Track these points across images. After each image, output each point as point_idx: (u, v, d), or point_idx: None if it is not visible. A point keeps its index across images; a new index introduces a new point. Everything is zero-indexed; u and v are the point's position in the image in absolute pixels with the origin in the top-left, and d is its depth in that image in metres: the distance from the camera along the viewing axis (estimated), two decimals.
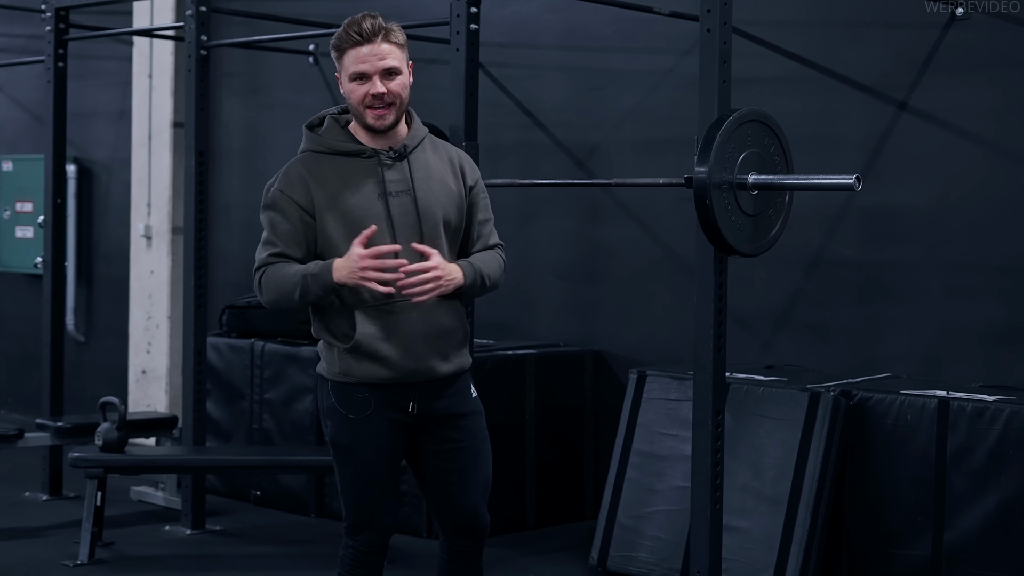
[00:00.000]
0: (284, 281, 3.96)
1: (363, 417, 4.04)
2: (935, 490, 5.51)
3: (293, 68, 8.70)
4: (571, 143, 7.50)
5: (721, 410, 5.12)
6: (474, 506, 4.20)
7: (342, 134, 4.10)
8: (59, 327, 7.86)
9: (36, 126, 10.02)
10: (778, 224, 5.15)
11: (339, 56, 4.02)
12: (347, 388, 4.05)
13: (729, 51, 5.05)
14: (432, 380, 4.09)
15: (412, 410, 4.07)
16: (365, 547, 4.14)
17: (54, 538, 6.81)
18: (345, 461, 4.10)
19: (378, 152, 4.06)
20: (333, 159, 4.06)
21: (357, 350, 4.01)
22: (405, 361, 4.02)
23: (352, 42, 3.97)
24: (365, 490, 4.10)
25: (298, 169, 4.06)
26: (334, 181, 4.02)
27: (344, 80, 4.03)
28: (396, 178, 4.06)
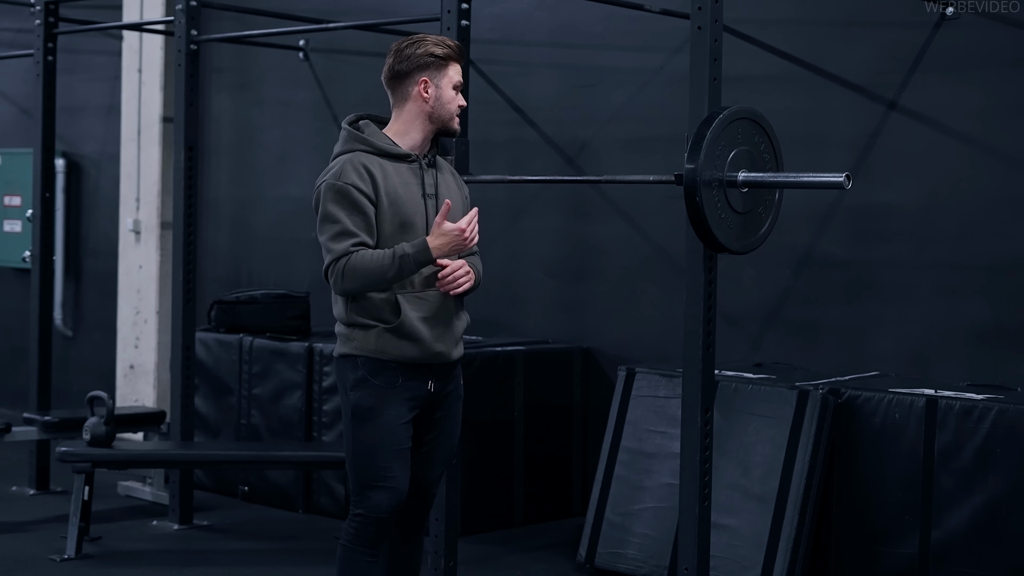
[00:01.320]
0: (376, 265, 4.28)
1: (390, 388, 4.36)
2: (923, 488, 5.52)
3: (283, 63, 8.69)
4: (561, 140, 7.51)
5: (710, 408, 5.12)
6: (431, 479, 4.57)
7: (386, 138, 4.47)
8: (47, 321, 7.85)
9: (25, 120, 9.99)
10: (768, 222, 5.15)
11: (442, 64, 4.48)
12: (380, 363, 4.37)
13: (720, 49, 5.05)
14: (445, 364, 4.49)
15: (431, 388, 4.45)
16: (373, 512, 4.34)
17: (41, 533, 6.80)
18: (366, 422, 4.36)
19: (419, 158, 4.48)
20: (383, 160, 4.41)
21: (399, 331, 4.35)
22: (435, 344, 4.41)
23: (456, 56, 4.50)
24: (382, 451, 4.35)
25: (359, 164, 4.37)
26: (391, 179, 4.39)
27: (444, 87, 4.48)
28: (430, 181, 4.49)
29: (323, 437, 7.21)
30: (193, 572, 6.17)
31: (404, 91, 4.49)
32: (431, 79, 4.46)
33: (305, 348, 7.33)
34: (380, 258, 4.28)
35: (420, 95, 4.46)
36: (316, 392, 7.26)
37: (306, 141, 8.67)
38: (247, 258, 8.98)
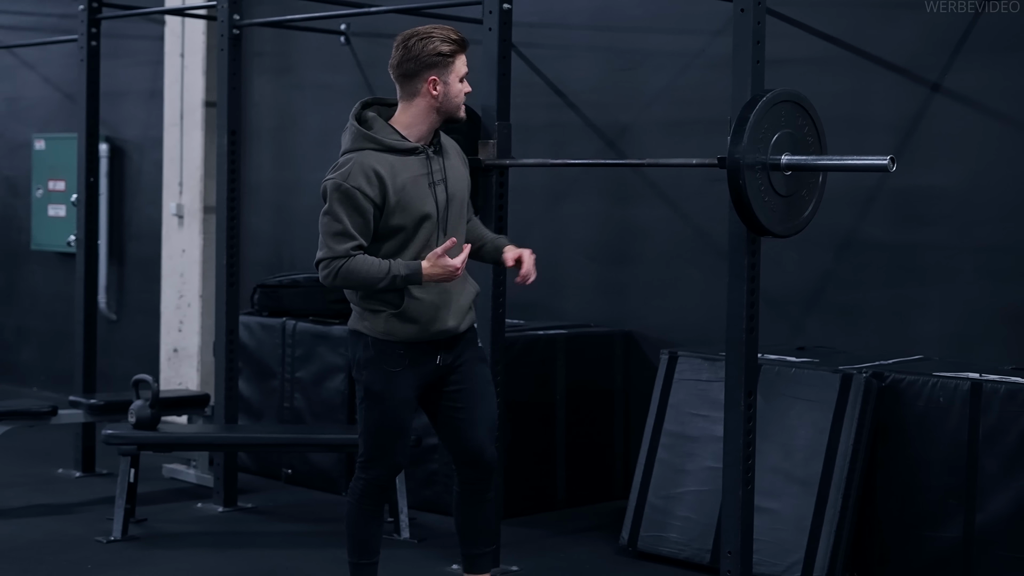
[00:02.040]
0: (369, 275, 4.55)
1: (397, 371, 4.67)
2: (967, 472, 5.50)
3: (324, 48, 8.72)
4: (602, 123, 7.50)
5: (753, 391, 5.12)
6: (480, 439, 4.82)
7: (394, 132, 4.67)
8: (91, 305, 7.90)
9: (69, 105, 10.06)
10: (811, 205, 5.15)
11: (450, 59, 4.65)
12: (388, 345, 4.67)
13: (763, 31, 5.04)
14: (452, 337, 4.76)
15: (440, 362, 4.75)
16: (375, 480, 4.79)
17: (87, 515, 6.86)
18: (373, 405, 4.73)
19: (425, 148, 4.68)
20: (392, 156, 4.61)
21: (405, 315, 4.63)
22: (441, 322, 4.68)
23: (462, 48, 4.68)
24: (386, 432, 4.74)
25: (368, 166, 4.57)
26: (400, 176, 4.59)
27: (452, 80, 4.66)
28: (436, 168, 4.71)
29: None
30: (237, 554, 6.21)
31: (413, 87, 4.68)
32: (440, 77, 4.66)
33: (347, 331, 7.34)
34: (375, 270, 4.55)
35: (429, 92, 4.66)
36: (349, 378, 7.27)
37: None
38: (289, 242, 9.02)
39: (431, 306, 4.65)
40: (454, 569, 5.92)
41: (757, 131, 4.85)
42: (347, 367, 7.32)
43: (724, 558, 5.16)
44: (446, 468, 6.87)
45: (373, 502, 4.82)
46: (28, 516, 6.82)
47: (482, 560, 5.00)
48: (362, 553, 4.86)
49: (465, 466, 4.87)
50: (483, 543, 4.99)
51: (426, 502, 6.94)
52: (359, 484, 4.81)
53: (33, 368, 10.78)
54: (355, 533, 4.85)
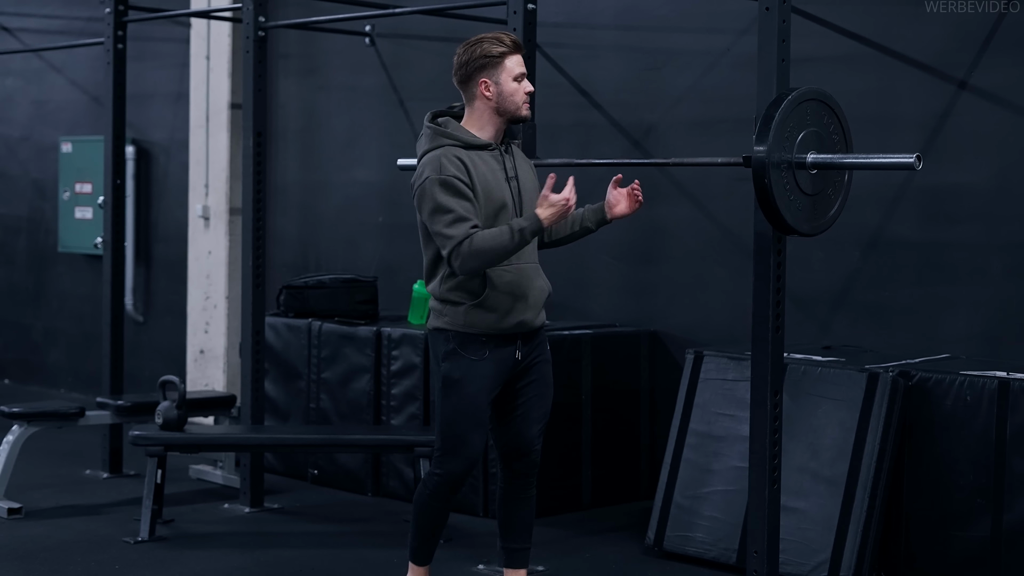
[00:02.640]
0: (497, 242, 4.72)
1: (478, 360, 4.86)
2: (995, 471, 5.48)
3: (349, 49, 8.73)
4: (627, 123, 7.49)
5: (779, 390, 5.11)
6: (531, 436, 5.01)
7: (468, 132, 4.92)
8: (118, 307, 7.93)
9: (95, 108, 10.11)
10: (837, 204, 5.13)
11: (498, 60, 4.87)
12: (469, 337, 4.86)
13: (788, 29, 5.03)
14: (530, 332, 4.95)
15: (518, 356, 4.93)
16: (449, 476, 4.94)
17: (115, 515, 6.88)
18: (452, 392, 4.90)
19: (498, 146, 4.95)
20: (469, 152, 4.86)
21: (485, 304, 4.82)
22: (519, 314, 4.88)
23: (516, 49, 4.90)
24: (463, 420, 4.89)
25: (452, 155, 4.82)
26: (479, 167, 4.84)
27: (505, 81, 4.87)
28: (510, 165, 4.97)
29: (392, 421, 7.24)
30: (264, 554, 6.23)
31: (470, 92, 4.92)
32: (490, 78, 4.88)
33: (373, 332, 7.36)
34: (499, 235, 4.72)
35: (483, 95, 4.89)
36: (384, 376, 7.29)
37: (373, 126, 8.70)
38: (315, 243, 9.04)
39: (508, 297, 4.85)
40: (480, 569, 5.92)
41: (783, 130, 4.84)
42: (373, 367, 7.34)
43: (751, 558, 5.15)
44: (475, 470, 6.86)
45: (443, 500, 5.00)
46: (56, 517, 6.85)
47: (520, 555, 5.14)
48: (425, 539, 5.09)
49: (512, 460, 5.05)
50: (522, 538, 5.13)
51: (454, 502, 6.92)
52: (432, 479, 4.98)
53: (61, 370, 10.83)
54: (422, 524, 5.06)
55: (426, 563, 5.15)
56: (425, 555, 5.13)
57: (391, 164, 6.92)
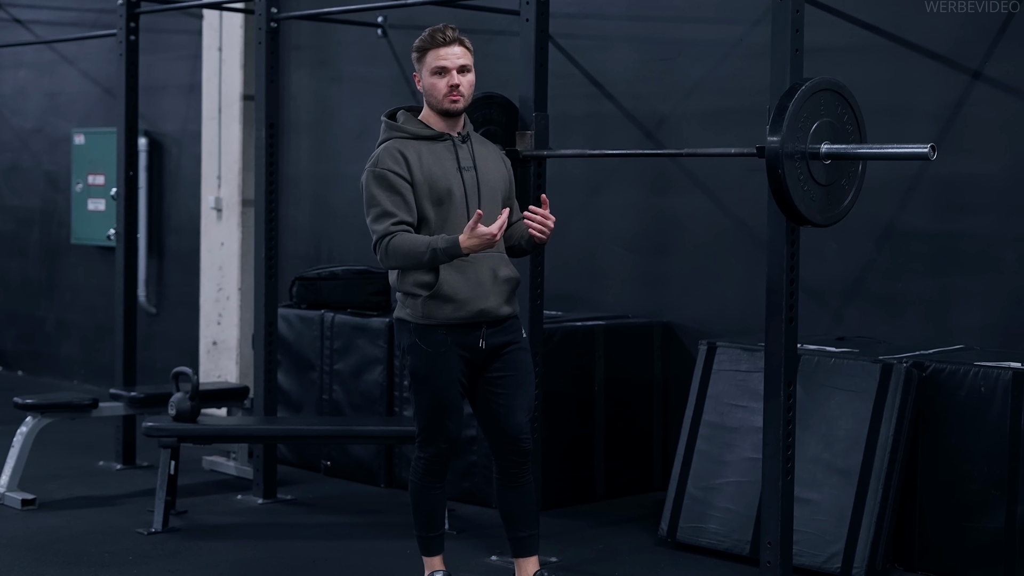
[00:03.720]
0: (413, 252, 4.82)
1: (440, 352, 4.95)
2: (1009, 462, 5.46)
3: (362, 40, 8.72)
4: (640, 114, 7.47)
5: (793, 381, 5.10)
6: (517, 425, 5.06)
7: (419, 123, 5.05)
8: (131, 299, 7.94)
9: (108, 99, 10.12)
10: (851, 194, 5.12)
11: (421, 56, 5.01)
12: (428, 329, 4.96)
13: (802, 19, 5.02)
14: (494, 320, 5.00)
15: (482, 346, 4.99)
16: (433, 458, 5.08)
17: (128, 506, 6.89)
18: (422, 388, 5.01)
19: (451, 136, 5.02)
20: (417, 143, 4.99)
21: (439, 295, 4.89)
22: (478, 303, 4.93)
23: (435, 44, 4.98)
24: (437, 411, 5.01)
25: (395, 149, 4.95)
26: (425, 158, 4.95)
27: (425, 76, 5.00)
28: (464, 156, 5.03)
29: (404, 412, 7.25)
30: (278, 545, 6.23)
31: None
32: (418, 72, 5.06)
33: (386, 323, 7.36)
34: (416, 245, 4.82)
35: (417, 87, 5.08)
36: (397, 367, 7.29)
37: None
38: (327, 234, 9.04)
39: (466, 286, 4.92)
40: (493, 560, 5.93)
41: (796, 120, 4.83)
42: (385, 359, 7.34)
43: (764, 549, 5.15)
44: (485, 460, 6.87)
45: (434, 477, 5.11)
46: (70, 508, 6.86)
47: (527, 542, 5.19)
48: (429, 526, 5.18)
49: (502, 451, 5.10)
50: (526, 525, 5.18)
51: (465, 493, 6.94)
52: (420, 463, 5.11)
53: (74, 361, 10.85)
54: (420, 508, 5.15)
55: (438, 552, 5.22)
56: (434, 544, 5.20)
57: None
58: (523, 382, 5.08)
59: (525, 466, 5.12)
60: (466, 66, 5.03)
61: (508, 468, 5.12)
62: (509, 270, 5.05)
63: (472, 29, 8.10)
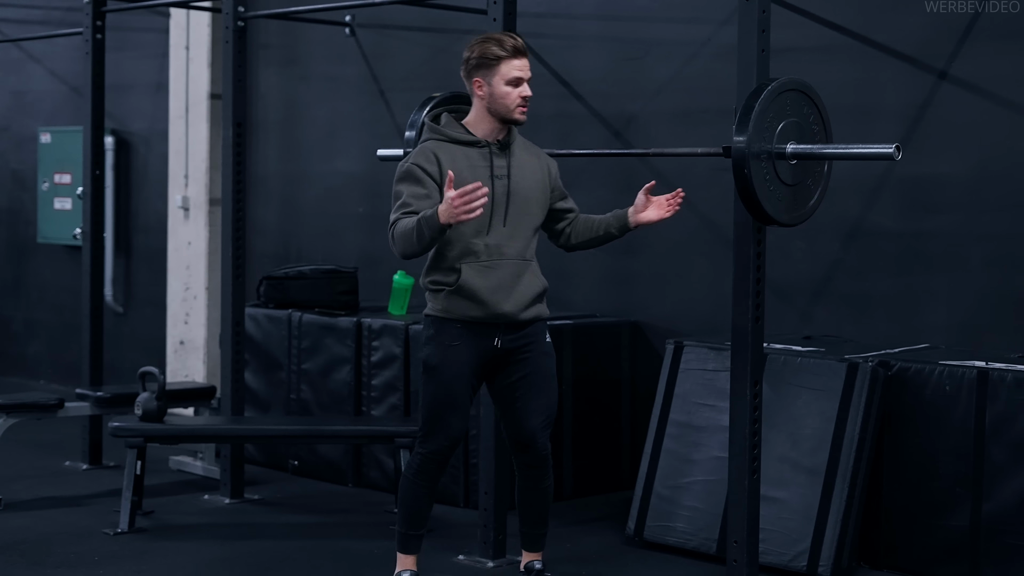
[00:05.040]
0: (406, 229, 4.85)
1: (453, 346, 5.03)
2: (974, 461, 5.49)
3: (330, 39, 8.71)
4: (608, 113, 7.49)
5: (759, 380, 5.12)
6: (533, 428, 5.13)
7: (460, 128, 5.10)
8: (98, 298, 7.90)
9: (74, 98, 10.07)
10: (817, 194, 5.14)
11: (494, 64, 4.99)
12: (446, 322, 5.06)
13: (768, 20, 5.04)
14: (513, 323, 5.06)
15: (497, 344, 5.06)
16: (431, 454, 5.11)
17: (94, 507, 6.87)
18: (430, 379, 5.09)
19: (489, 143, 5.06)
20: (453, 147, 5.04)
21: (460, 292, 4.99)
22: (497, 305, 5.00)
23: (511, 54, 5.00)
24: (441, 404, 5.07)
25: (429, 149, 5.02)
26: (459, 162, 5.00)
27: (497, 84, 5.00)
28: (500, 164, 5.07)
29: (372, 411, 7.24)
30: (245, 545, 6.22)
31: (469, 89, 5.10)
32: (484, 79, 5.01)
33: (354, 323, 7.35)
34: (410, 224, 4.85)
35: (476, 93, 5.05)
36: (365, 367, 7.29)
37: (353, 116, 8.68)
38: (295, 234, 9.02)
39: (485, 288, 4.99)
40: (461, 560, 5.93)
41: (762, 120, 4.85)
42: (353, 358, 7.34)
43: (731, 547, 5.17)
44: (453, 459, 6.87)
45: (429, 477, 5.14)
46: (36, 508, 6.83)
47: (536, 539, 5.37)
48: (412, 524, 5.22)
49: (519, 452, 5.21)
50: (538, 524, 5.34)
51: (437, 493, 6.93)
52: (416, 459, 5.15)
53: (40, 361, 10.80)
54: (408, 505, 5.19)
55: (414, 552, 5.26)
56: (413, 543, 5.24)
57: (372, 155, 6.90)
58: (541, 387, 5.14)
59: (543, 470, 5.23)
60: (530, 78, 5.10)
61: (525, 470, 5.24)
62: (534, 277, 5.11)
63: (440, 28, 8.12)
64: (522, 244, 5.07)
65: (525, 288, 5.07)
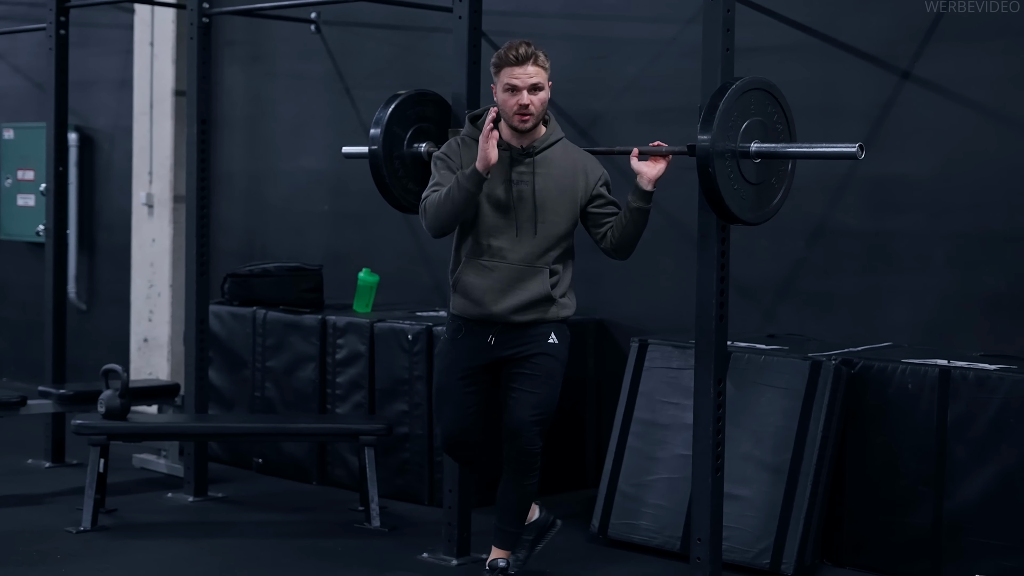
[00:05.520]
0: (439, 196, 5.09)
1: (455, 340, 5.29)
2: (936, 459, 5.53)
3: (295, 36, 8.68)
4: (574, 112, 7.49)
5: (723, 378, 5.13)
6: (520, 419, 5.20)
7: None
8: (61, 295, 7.86)
9: (38, 94, 10.01)
10: (780, 193, 5.16)
11: (496, 71, 5.13)
12: (453, 318, 5.33)
13: (733, 19, 5.05)
14: (509, 324, 5.20)
15: (491, 341, 5.22)
16: (443, 442, 5.41)
17: (57, 505, 6.83)
18: (436, 369, 5.47)
19: (512, 148, 5.16)
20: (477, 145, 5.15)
21: (457, 287, 5.25)
22: (490, 306, 5.17)
23: (507, 62, 5.09)
24: (438, 392, 5.37)
25: (455, 142, 5.28)
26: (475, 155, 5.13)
27: (498, 91, 5.13)
28: (521, 170, 5.18)
29: (337, 409, 7.23)
30: (209, 543, 6.19)
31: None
32: (494, 84, 5.16)
33: (319, 321, 7.34)
34: (441, 191, 5.10)
35: (495, 98, 5.18)
36: (330, 364, 7.27)
37: (319, 114, 8.66)
38: (260, 231, 8.99)
39: (479, 288, 5.17)
40: (424, 558, 5.92)
41: (727, 119, 4.86)
42: (318, 356, 7.32)
43: (694, 545, 5.18)
44: (418, 458, 6.87)
45: (454, 460, 5.56)
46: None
47: (506, 536, 5.41)
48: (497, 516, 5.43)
49: (507, 442, 5.26)
50: (512, 522, 5.40)
51: (398, 491, 6.94)
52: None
53: (3, 358, 10.73)
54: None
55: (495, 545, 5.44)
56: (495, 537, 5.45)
57: (337, 152, 6.88)
58: (537, 383, 5.21)
59: (527, 465, 5.26)
60: (538, 84, 5.12)
61: (511, 463, 5.28)
62: (536, 283, 5.18)
63: (406, 26, 8.11)
64: (531, 250, 5.16)
65: (522, 293, 5.16)
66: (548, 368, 5.24)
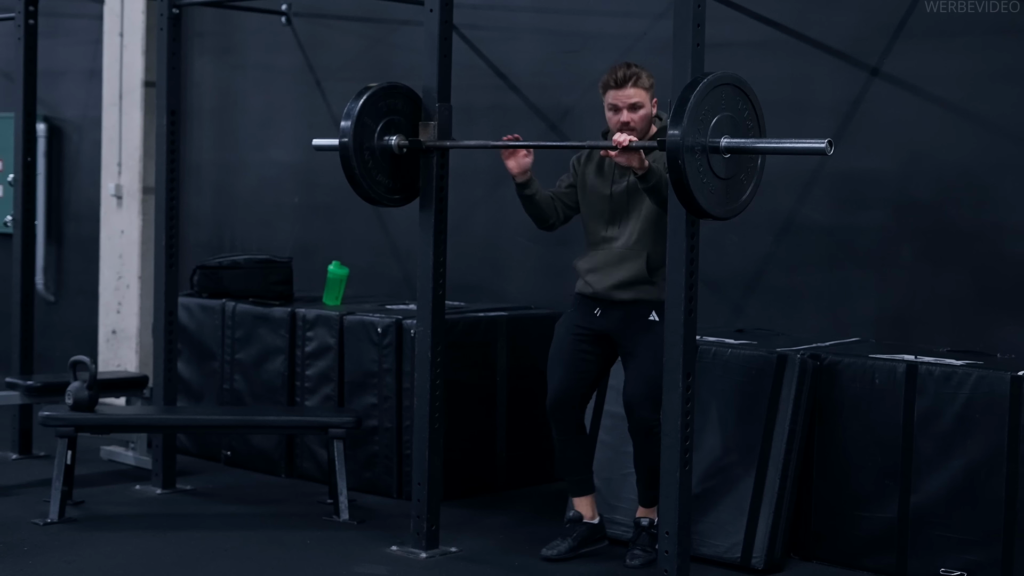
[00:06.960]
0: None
1: (569, 312, 5.89)
2: (902, 453, 5.56)
3: (266, 28, 8.66)
4: (544, 106, 7.50)
5: (692, 373, 5.15)
6: (630, 395, 5.67)
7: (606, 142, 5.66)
8: (29, 286, 7.83)
9: (6, 84, 9.94)
10: (750, 188, 5.17)
11: (603, 92, 5.66)
12: (575, 295, 5.87)
13: (703, 14, 5.06)
14: (611, 301, 5.70)
15: (597, 313, 5.76)
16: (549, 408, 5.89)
17: (24, 497, 6.80)
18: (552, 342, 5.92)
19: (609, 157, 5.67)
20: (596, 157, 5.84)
21: (577, 270, 5.83)
22: (594, 285, 5.73)
23: (610, 85, 5.63)
24: (551, 358, 5.89)
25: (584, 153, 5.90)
26: (594, 164, 5.82)
27: (606, 108, 5.67)
28: (622, 173, 5.65)
29: (306, 402, 7.22)
30: (177, 536, 6.18)
31: None
32: (604, 105, 5.68)
33: (288, 313, 7.33)
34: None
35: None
36: (299, 357, 7.27)
37: (289, 106, 8.65)
38: (230, 223, 8.97)
39: (588, 267, 5.77)
40: (394, 550, 5.92)
41: (697, 113, 4.88)
42: (287, 348, 7.32)
43: (663, 538, 5.19)
44: (386, 451, 6.87)
45: (558, 428, 5.88)
46: None
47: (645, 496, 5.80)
48: (568, 471, 5.96)
49: (627, 417, 5.71)
50: (646, 485, 5.76)
51: (367, 483, 6.94)
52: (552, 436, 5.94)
53: None
54: (557, 455, 5.97)
55: (578, 494, 5.94)
56: (574, 487, 5.95)
57: (307, 144, 6.87)
58: (641, 359, 5.60)
59: (643, 439, 5.63)
60: (637, 104, 5.57)
61: (632, 436, 5.72)
62: (632, 263, 5.65)
63: (377, 19, 8.10)
64: (628, 236, 5.67)
65: (620, 272, 5.65)
66: (647, 343, 5.59)
